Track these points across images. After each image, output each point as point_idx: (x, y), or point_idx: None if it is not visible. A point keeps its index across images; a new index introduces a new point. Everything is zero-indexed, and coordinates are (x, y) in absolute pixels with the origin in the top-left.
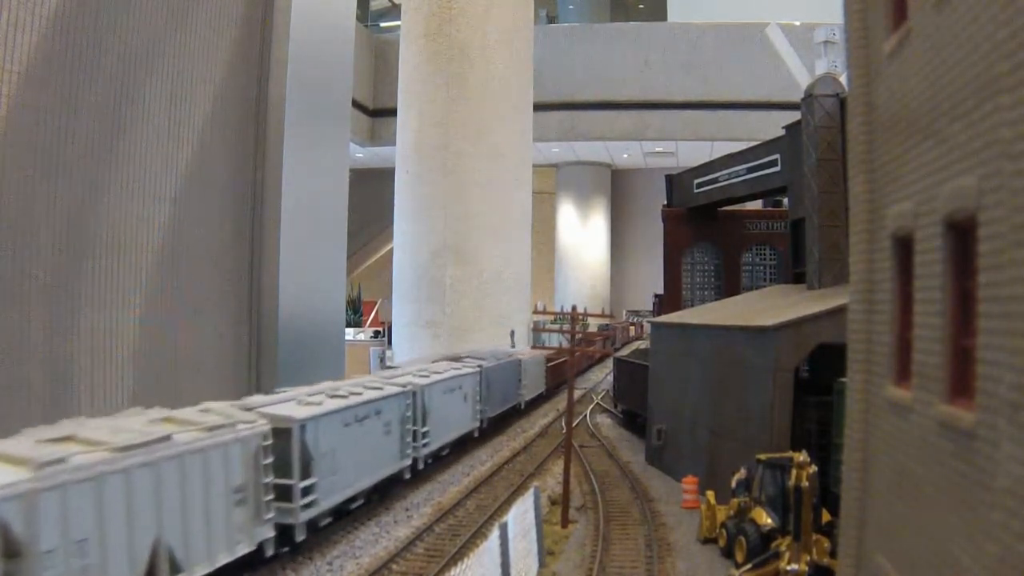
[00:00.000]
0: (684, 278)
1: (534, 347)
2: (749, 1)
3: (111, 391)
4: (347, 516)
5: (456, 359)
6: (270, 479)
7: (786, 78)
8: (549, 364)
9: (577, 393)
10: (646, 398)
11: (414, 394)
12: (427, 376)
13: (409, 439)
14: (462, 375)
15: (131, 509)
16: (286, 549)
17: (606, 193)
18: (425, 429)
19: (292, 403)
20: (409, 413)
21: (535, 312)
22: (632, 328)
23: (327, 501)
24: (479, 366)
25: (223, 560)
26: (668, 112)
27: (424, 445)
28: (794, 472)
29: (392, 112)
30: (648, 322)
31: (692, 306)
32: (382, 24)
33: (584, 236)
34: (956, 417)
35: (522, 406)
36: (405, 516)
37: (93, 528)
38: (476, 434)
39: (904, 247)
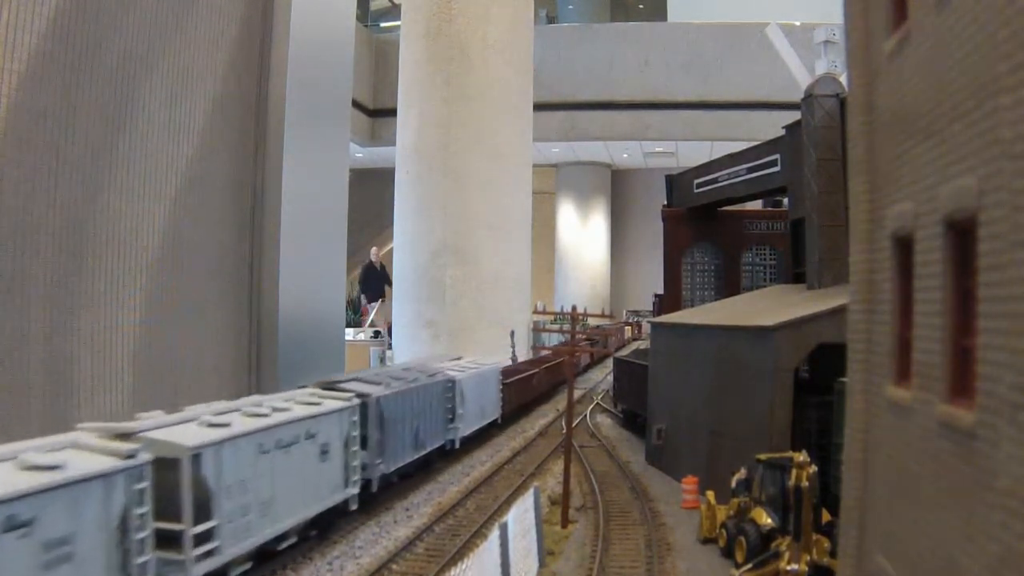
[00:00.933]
0: (684, 278)
1: (533, 347)
2: (749, 1)
3: (111, 391)
4: None
5: (331, 386)
6: None
7: (786, 78)
8: (510, 380)
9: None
10: (646, 398)
11: (172, 465)
12: (221, 426)
13: (141, 557)
14: (317, 415)
15: None
16: None
17: (606, 193)
18: (209, 525)
19: None
20: (141, 511)
21: (535, 312)
22: (629, 328)
23: None
24: (360, 397)
25: None
26: (668, 112)
27: (205, 555)
28: (794, 472)
29: (392, 112)
30: (648, 322)
31: (692, 306)
32: (382, 24)
33: (584, 236)
34: (956, 417)
35: (456, 445)
36: (405, 516)
37: None
38: (354, 505)
39: (904, 247)
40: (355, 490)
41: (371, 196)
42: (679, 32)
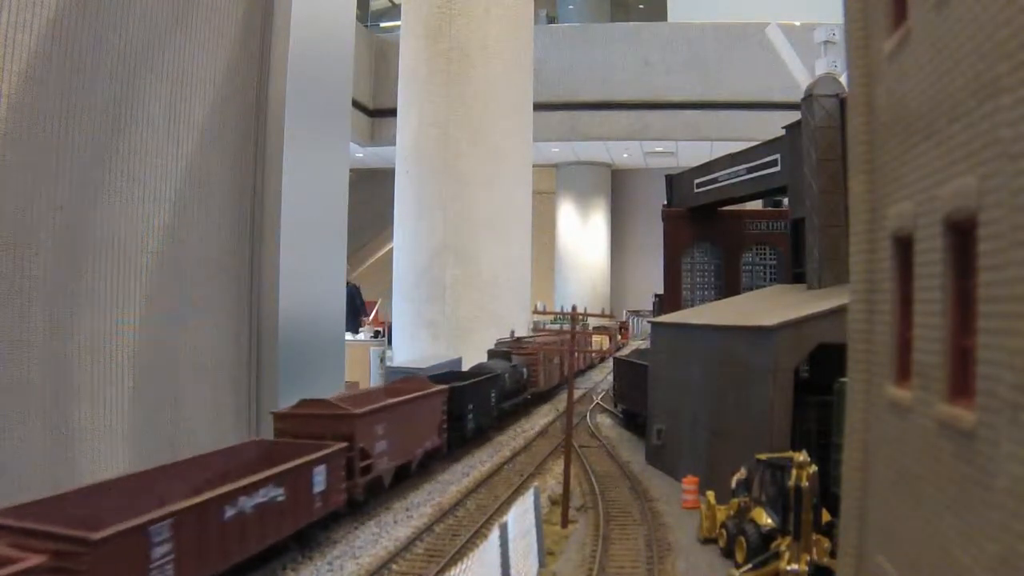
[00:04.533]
0: (684, 278)
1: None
2: (749, 1)
3: (111, 391)
4: None
5: None
6: None
7: (786, 78)
8: None
9: None
10: (646, 398)
11: None
12: None
13: None
14: None
15: None
16: None
17: (606, 193)
18: None
19: None
20: None
21: (535, 312)
22: (607, 337)
23: None
24: None
25: None
26: (668, 112)
27: None
28: (794, 472)
29: (392, 112)
30: (648, 322)
31: (692, 306)
32: (382, 24)
33: (584, 236)
34: (956, 417)
35: None
36: (405, 516)
37: None
38: None
39: (904, 247)
40: None
41: (371, 196)
42: (679, 32)
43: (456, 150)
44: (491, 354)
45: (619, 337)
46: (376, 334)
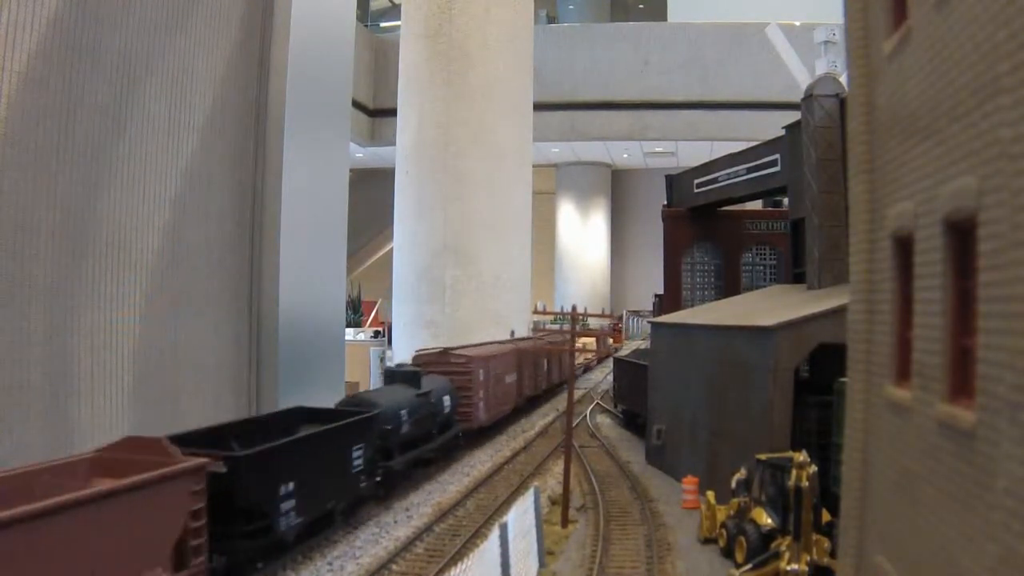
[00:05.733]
0: (684, 278)
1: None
2: (749, 1)
3: (111, 391)
4: None
5: None
6: None
7: (786, 78)
8: None
9: None
10: (646, 398)
11: None
12: None
13: None
14: None
15: None
16: None
17: (606, 193)
18: None
19: None
20: None
21: (535, 312)
22: (594, 340)
23: None
24: None
25: None
26: (668, 112)
27: None
28: (794, 472)
29: (392, 112)
30: (648, 322)
31: (692, 306)
32: (382, 24)
33: (584, 236)
34: (956, 417)
35: None
36: (405, 516)
37: None
38: None
39: (904, 247)
40: None
41: (371, 196)
42: (679, 32)
43: (456, 150)
44: (389, 376)
45: (611, 340)
46: (376, 334)
